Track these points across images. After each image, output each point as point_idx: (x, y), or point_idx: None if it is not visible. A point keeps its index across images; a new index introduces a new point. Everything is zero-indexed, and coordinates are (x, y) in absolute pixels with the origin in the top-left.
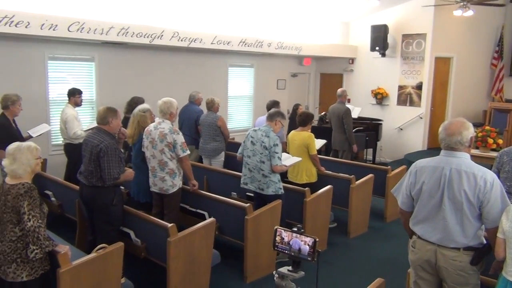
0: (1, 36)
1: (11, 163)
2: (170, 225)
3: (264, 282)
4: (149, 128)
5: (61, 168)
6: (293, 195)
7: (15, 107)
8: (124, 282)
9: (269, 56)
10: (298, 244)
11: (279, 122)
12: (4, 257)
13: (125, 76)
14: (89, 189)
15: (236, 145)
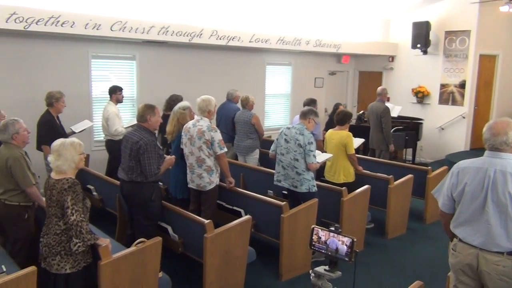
0: (48, 36)
1: (56, 159)
2: (207, 222)
3: (299, 281)
4: (188, 126)
5: (103, 164)
6: (330, 194)
7: (59, 104)
8: (161, 276)
9: (307, 54)
10: (336, 244)
11: (313, 120)
12: (49, 250)
13: (164, 74)
14: (128, 184)
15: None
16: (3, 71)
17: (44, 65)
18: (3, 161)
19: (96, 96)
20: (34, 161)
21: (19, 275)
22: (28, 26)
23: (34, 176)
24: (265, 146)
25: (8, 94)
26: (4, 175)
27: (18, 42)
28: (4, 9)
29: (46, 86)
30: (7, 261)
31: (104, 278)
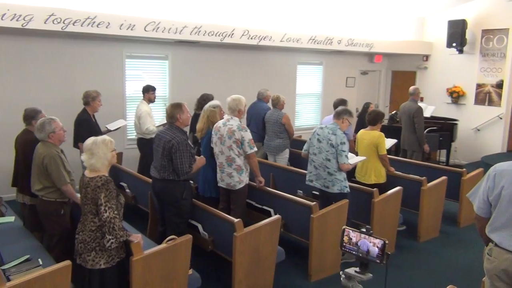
0: (84, 36)
1: (89, 157)
2: (237, 220)
3: (329, 282)
4: (218, 125)
5: (136, 161)
6: (361, 195)
7: (95, 103)
8: (191, 274)
9: (339, 53)
10: (367, 246)
11: (347, 120)
12: (85, 246)
13: (196, 74)
14: (160, 182)
15: (302, 143)
16: (42, 71)
17: (81, 65)
18: (40, 159)
19: (129, 95)
20: (71, 158)
21: (55, 268)
22: (66, 27)
23: (69, 174)
24: (295, 145)
25: (46, 93)
26: (42, 173)
27: (56, 42)
28: (42, 10)
29: (82, 86)
30: (43, 255)
31: (135, 273)
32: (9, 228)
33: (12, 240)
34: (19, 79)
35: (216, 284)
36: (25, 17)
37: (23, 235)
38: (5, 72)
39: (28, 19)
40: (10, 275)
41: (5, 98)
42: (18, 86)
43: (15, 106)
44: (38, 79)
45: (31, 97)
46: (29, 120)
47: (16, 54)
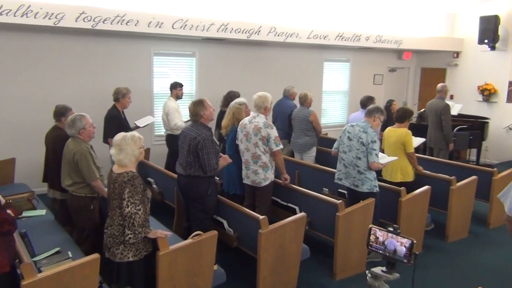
0: (113, 34)
1: (118, 153)
2: (262, 217)
3: (354, 281)
4: (244, 122)
5: (163, 157)
6: (388, 194)
7: (125, 99)
8: (216, 269)
9: (366, 50)
10: (394, 245)
11: (378, 118)
12: (113, 240)
13: (223, 71)
14: (186, 179)
15: (328, 141)
16: (73, 68)
17: (110, 62)
18: (70, 155)
19: (157, 92)
20: (100, 153)
21: (84, 261)
22: (96, 25)
23: (99, 170)
24: (322, 143)
25: (77, 90)
26: (72, 168)
27: (86, 40)
28: (73, 9)
29: (112, 83)
30: (73, 248)
31: (161, 268)
32: (40, 221)
33: (43, 233)
34: (50, 76)
35: (240, 280)
36: (57, 15)
37: (53, 228)
38: (37, 69)
39: (60, 17)
40: (41, 266)
41: (37, 95)
42: (49, 83)
43: (46, 103)
44: (69, 76)
45: (62, 94)
46: (59, 116)
47: (48, 51)
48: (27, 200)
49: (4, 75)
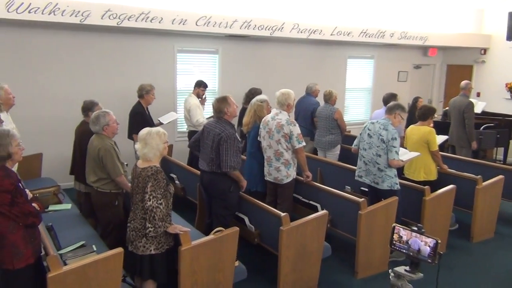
0: (137, 31)
1: (143, 147)
2: (283, 214)
3: (376, 280)
4: (267, 119)
5: (185, 154)
6: (411, 193)
7: (149, 96)
8: (238, 265)
9: (391, 46)
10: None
11: (399, 115)
12: (136, 233)
13: (245, 68)
14: (208, 175)
15: (352, 138)
16: (99, 65)
17: (134, 59)
18: (95, 151)
19: (180, 89)
20: (125, 149)
21: (108, 255)
22: (121, 22)
23: (123, 166)
24: (345, 141)
25: (103, 86)
26: (97, 164)
27: (111, 37)
28: (99, 6)
29: (136, 79)
30: (98, 242)
31: (183, 263)
32: (66, 215)
33: (69, 226)
34: (77, 73)
35: (261, 277)
36: (83, 13)
37: (79, 222)
38: (64, 66)
39: (86, 15)
40: (67, 259)
41: (63, 92)
42: (75, 80)
43: (72, 99)
44: (95, 73)
45: (87, 90)
46: (86, 111)
47: (74, 49)
48: (54, 194)
49: (33, 72)
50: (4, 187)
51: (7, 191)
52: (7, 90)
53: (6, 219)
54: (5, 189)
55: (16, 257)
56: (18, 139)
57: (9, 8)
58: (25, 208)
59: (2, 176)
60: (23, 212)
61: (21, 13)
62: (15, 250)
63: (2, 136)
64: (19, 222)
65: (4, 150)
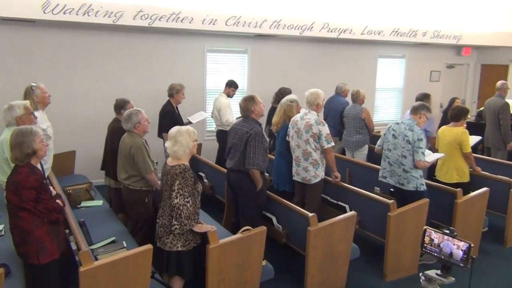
0: (168, 31)
1: (173, 145)
2: (311, 215)
3: (405, 283)
4: (296, 118)
5: (214, 152)
6: (442, 195)
7: (179, 95)
8: (265, 265)
9: (423, 45)
10: (450, 248)
11: (424, 115)
12: (164, 230)
13: (274, 67)
14: (236, 174)
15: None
16: (130, 64)
17: (164, 59)
18: (127, 149)
19: (209, 89)
20: (155, 147)
21: (138, 251)
22: (152, 23)
23: (153, 163)
24: (374, 141)
25: (135, 85)
26: (128, 162)
27: (142, 37)
28: (131, 7)
29: (166, 79)
30: (128, 238)
31: (211, 260)
32: (97, 211)
33: (100, 222)
34: (109, 72)
35: (288, 277)
36: (116, 13)
37: (109, 218)
38: (96, 66)
39: (118, 16)
40: (98, 254)
41: (96, 91)
42: (107, 79)
43: (105, 98)
44: (126, 72)
45: (119, 90)
46: (118, 109)
47: (107, 49)
48: (86, 191)
49: (67, 71)
50: (29, 183)
51: (32, 187)
52: (43, 89)
53: (31, 215)
54: (30, 185)
55: (41, 252)
56: (41, 135)
57: (46, 9)
58: (49, 204)
59: (27, 173)
60: (48, 208)
61: (56, 14)
62: (40, 245)
63: (25, 134)
64: (44, 218)
65: (28, 147)
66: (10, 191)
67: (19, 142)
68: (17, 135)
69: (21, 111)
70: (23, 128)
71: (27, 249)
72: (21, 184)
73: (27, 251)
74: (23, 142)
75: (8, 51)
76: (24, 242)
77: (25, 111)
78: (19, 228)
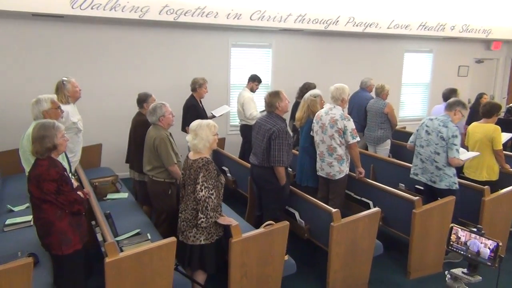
0: (193, 26)
1: (193, 138)
2: (334, 210)
3: (429, 281)
4: (320, 113)
5: (237, 147)
6: (469, 192)
7: (201, 89)
8: (287, 259)
9: (451, 40)
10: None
11: (459, 112)
12: (187, 223)
13: (299, 62)
14: (259, 169)
15: (405, 134)
16: (154, 59)
17: (189, 54)
18: (151, 141)
19: (233, 83)
20: (179, 142)
21: (162, 243)
22: (178, 18)
23: (177, 156)
24: (398, 137)
25: (159, 79)
26: (152, 154)
27: (167, 32)
28: (158, 2)
29: (191, 73)
30: (152, 230)
31: (234, 254)
32: (123, 203)
33: (125, 214)
34: (134, 67)
35: (311, 272)
36: (142, 8)
37: (134, 210)
38: (122, 60)
39: (145, 11)
40: (123, 246)
41: (123, 84)
42: (133, 73)
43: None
44: (151, 66)
45: (144, 84)
46: (141, 103)
47: (133, 43)
48: (112, 183)
49: (92, 65)
50: (50, 176)
51: (53, 180)
52: (74, 83)
53: (53, 207)
54: (52, 178)
55: (64, 243)
56: (63, 130)
57: (74, 5)
58: (71, 196)
59: (48, 165)
60: (69, 200)
61: (84, 9)
62: (63, 237)
63: (47, 128)
64: (66, 209)
65: (50, 141)
66: (32, 184)
67: (40, 136)
68: (39, 129)
69: (48, 105)
70: (45, 122)
71: (50, 240)
72: (42, 177)
73: (50, 242)
74: (44, 136)
75: (37, 46)
76: (47, 233)
77: (52, 105)
78: (42, 220)
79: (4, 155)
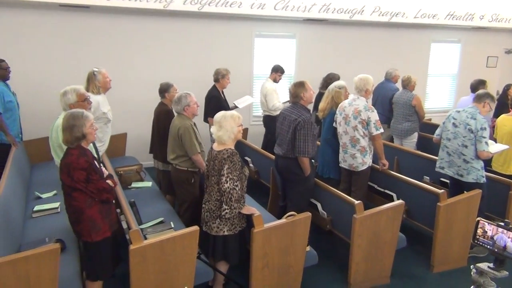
0: (217, 16)
1: (217, 129)
2: (357, 202)
3: (453, 275)
4: (344, 104)
5: (260, 137)
6: (496, 186)
7: (224, 80)
8: (308, 251)
9: (480, 30)
10: (505, 241)
11: (488, 104)
12: (210, 214)
13: (323, 52)
14: (284, 160)
15: (431, 127)
16: (179, 49)
17: (213, 44)
18: (175, 130)
19: (257, 74)
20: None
21: (185, 232)
22: (202, 8)
23: (200, 146)
24: (424, 129)
25: (182, 70)
26: (176, 142)
27: (191, 22)
28: None
29: (214, 64)
30: (175, 219)
31: (256, 244)
32: (147, 192)
33: (149, 203)
34: (159, 57)
35: (332, 264)
36: None
37: (158, 199)
38: (147, 51)
39: (169, 1)
40: (147, 234)
41: (146, 75)
42: (158, 63)
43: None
44: (176, 57)
45: (167, 74)
46: (163, 93)
47: (157, 34)
48: (136, 172)
49: (118, 56)
50: (80, 165)
51: (83, 168)
52: (104, 74)
53: (83, 195)
54: (81, 166)
55: (93, 230)
56: (92, 120)
57: None
58: (99, 185)
59: (77, 154)
60: (98, 188)
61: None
62: (92, 224)
63: (77, 118)
64: (95, 197)
65: (79, 131)
66: (63, 173)
67: (70, 125)
68: (68, 119)
69: (74, 99)
70: (75, 112)
71: (81, 227)
72: (72, 165)
73: (80, 229)
74: (74, 126)
75: (64, 37)
76: (77, 220)
77: (77, 98)
78: (73, 207)
79: (32, 144)
